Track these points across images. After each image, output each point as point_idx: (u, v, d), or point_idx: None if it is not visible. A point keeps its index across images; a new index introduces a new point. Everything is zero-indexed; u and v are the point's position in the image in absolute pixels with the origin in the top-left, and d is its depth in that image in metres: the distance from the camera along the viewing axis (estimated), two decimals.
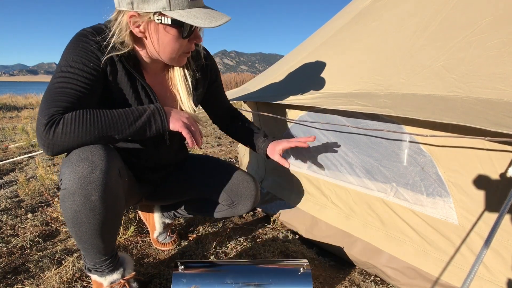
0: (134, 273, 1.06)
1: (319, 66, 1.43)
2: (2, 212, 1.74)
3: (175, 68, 1.02)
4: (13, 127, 4.73)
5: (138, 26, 0.85)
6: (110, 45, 0.87)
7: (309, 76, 1.35)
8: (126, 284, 1.02)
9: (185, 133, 0.91)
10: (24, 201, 1.93)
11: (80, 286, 1.14)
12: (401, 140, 1.08)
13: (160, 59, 0.94)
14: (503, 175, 0.86)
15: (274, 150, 1.20)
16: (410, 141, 1.06)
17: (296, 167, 1.55)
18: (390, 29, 1.27)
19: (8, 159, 2.82)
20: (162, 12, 0.82)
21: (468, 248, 0.96)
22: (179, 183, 1.27)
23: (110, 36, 0.87)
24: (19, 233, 1.54)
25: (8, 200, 1.90)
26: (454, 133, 0.93)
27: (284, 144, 1.19)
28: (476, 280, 0.94)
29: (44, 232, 1.55)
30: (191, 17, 0.82)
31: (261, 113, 1.65)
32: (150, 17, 0.83)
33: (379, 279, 1.22)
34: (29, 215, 1.71)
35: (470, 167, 0.93)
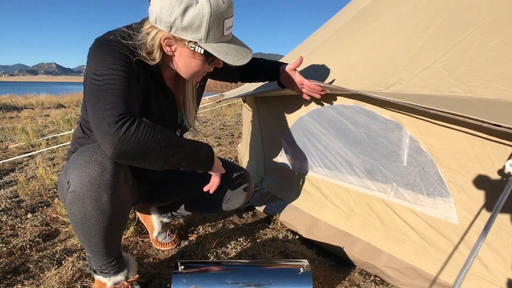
0: (137, 275, 1.07)
1: (319, 66, 1.43)
2: (2, 212, 1.74)
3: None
4: (13, 127, 4.72)
5: (169, 46, 0.89)
6: (140, 52, 0.88)
7: (309, 77, 1.35)
8: (129, 286, 1.03)
9: (216, 182, 1.07)
10: (24, 201, 1.93)
11: (80, 286, 1.14)
12: (401, 140, 1.08)
13: (179, 73, 0.97)
14: (501, 173, 0.86)
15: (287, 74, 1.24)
16: (410, 141, 1.06)
17: (296, 167, 1.55)
18: (390, 30, 1.27)
19: (8, 159, 2.82)
20: (197, 42, 0.85)
21: (468, 248, 0.96)
22: (176, 183, 1.28)
23: (141, 46, 0.87)
24: (19, 233, 1.53)
25: (8, 200, 1.90)
26: (453, 126, 0.93)
27: (296, 82, 1.24)
28: (476, 280, 0.94)
29: (44, 232, 1.55)
30: (222, 52, 0.87)
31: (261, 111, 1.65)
32: (184, 43, 0.87)
33: (379, 279, 1.22)
34: (29, 215, 1.71)
35: (470, 167, 0.93)
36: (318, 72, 1.40)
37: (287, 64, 1.27)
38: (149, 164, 0.83)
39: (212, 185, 1.07)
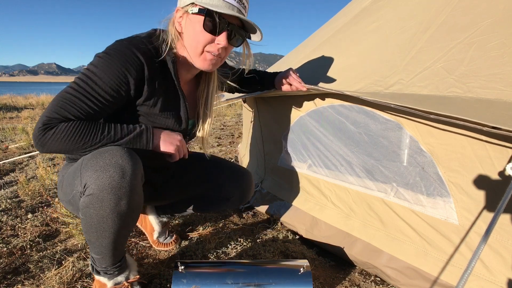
0: (138, 276, 1.07)
1: (319, 66, 1.44)
2: (2, 213, 1.74)
3: (207, 86, 1.11)
4: (13, 128, 4.73)
5: (180, 22, 0.95)
6: (163, 45, 0.93)
7: (309, 77, 1.35)
8: (129, 286, 1.03)
9: (174, 158, 0.99)
10: (24, 201, 1.93)
11: (80, 286, 1.14)
12: (401, 140, 1.08)
13: (191, 61, 0.98)
14: (502, 174, 0.86)
15: (280, 86, 1.28)
16: (410, 141, 1.06)
17: (296, 167, 1.55)
18: (391, 30, 1.27)
19: (8, 159, 2.82)
20: (194, 2, 0.90)
21: (468, 248, 0.96)
22: (178, 183, 1.28)
23: (162, 33, 0.94)
24: (19, 233, 1.54)
25: (8, 201, 1.90)
26: (453, 128, 0.93)
27: (286, 87, 1.26)
28: (476, 280, 0.94)
29: (44, 232, 1.55)
30: (214, 5, 0.89)
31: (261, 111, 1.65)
32: (187, 10, 0.92)
33: (379, 279, 1.22)
34: (29, 216, 1.71)
35: (470, 167, 0.93)
36: (318, 72, 1.40)
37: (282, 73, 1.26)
38: (78, 152, 0.87)
39: (171, 159, 1.01)
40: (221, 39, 0.93)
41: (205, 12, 0.89)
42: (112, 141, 0.87)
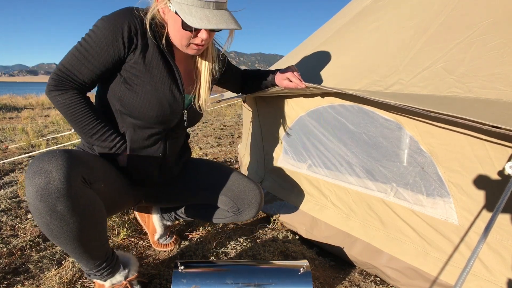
0: (137, 274, 1.06)
1: (319, 66, 1.44)
2: (2, 213, 1.74)
3: (203, 60, 1.11)
4: (13, 128, 4.72)
5: (163, 10, 0.95)
6: (149, 23, 0.95)
7: (309, 77, 1.36)
8: (128, 285, 1.02)
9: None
10: (24, 201, 1.92)
11: (80, 287, 1.14)
12: (401, 140, 1.08)
13: (177, 46, 1.00)
14: (501, 173, 0.86)
15: (280, 81, 1.30)
16: (410, 141, 1.06)
17: (296, 167, 1.55)
18: (390, 30, 1.28)
19: (8, 159, 2.82)
20: (171, 0, 0.90)
21: (468, 248, 0.96)
22: (185, 187, 1.27)
23: (147, 13, 0.95)
24: (19, 233, 1.54)
25: (8, 201, 1.90)
26: (452, 128, 0.93)
27: (285, 83, 1.27)
28: (476, 280, 0.94)
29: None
30: (187, 12, 0.87)
31: (261, 112, 1.65)
32: (166, 2, 0.92)
33: (379, 279, 1.22)
34: (29, 216, 1.71)
35: (470, 167, 0.93)
36: (318, 72, 1.40)
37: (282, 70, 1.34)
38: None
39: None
40: (203, 35, 0.94)
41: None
42: (87, 136, 1.00)
